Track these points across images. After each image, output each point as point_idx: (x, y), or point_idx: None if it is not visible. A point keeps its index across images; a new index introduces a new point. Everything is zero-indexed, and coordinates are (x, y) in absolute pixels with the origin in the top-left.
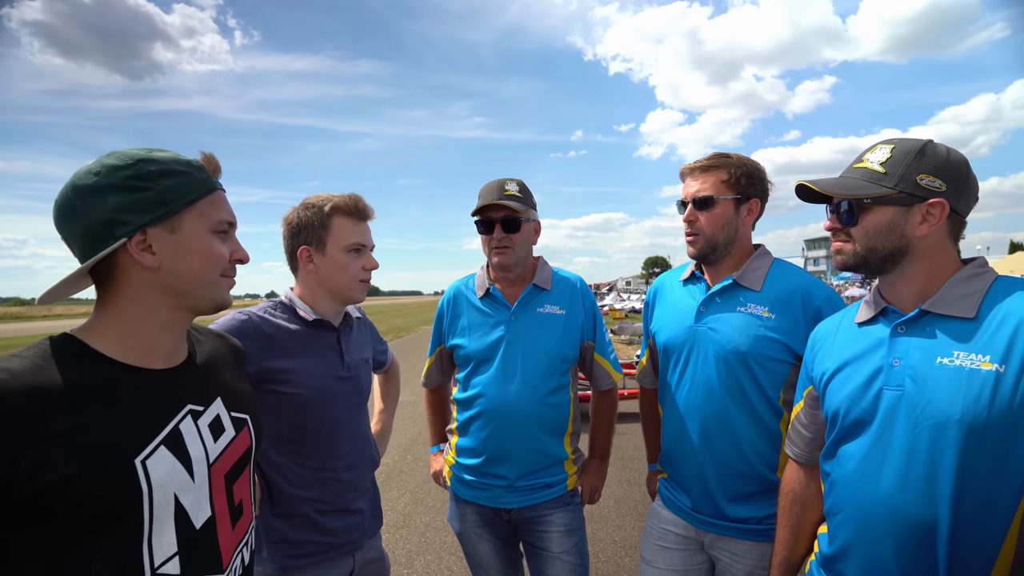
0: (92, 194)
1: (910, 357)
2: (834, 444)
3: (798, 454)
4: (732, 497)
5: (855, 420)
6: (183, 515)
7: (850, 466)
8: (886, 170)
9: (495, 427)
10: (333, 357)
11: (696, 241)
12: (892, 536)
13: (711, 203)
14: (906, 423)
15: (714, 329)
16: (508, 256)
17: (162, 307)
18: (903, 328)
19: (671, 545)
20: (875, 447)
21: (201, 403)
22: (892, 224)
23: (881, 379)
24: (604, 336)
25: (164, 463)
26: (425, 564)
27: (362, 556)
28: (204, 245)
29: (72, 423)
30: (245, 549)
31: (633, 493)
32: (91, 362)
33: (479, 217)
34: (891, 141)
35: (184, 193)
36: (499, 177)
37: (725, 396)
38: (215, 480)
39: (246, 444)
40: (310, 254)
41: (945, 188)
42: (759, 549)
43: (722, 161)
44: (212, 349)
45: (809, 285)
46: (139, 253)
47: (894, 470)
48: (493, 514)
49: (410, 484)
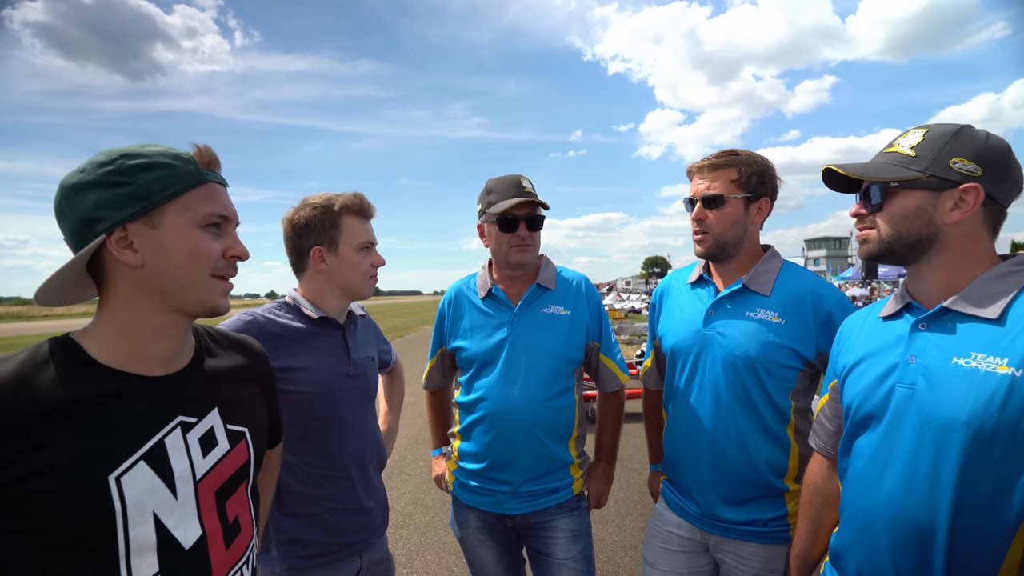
0: (75, 192)
1: (926, 355)
2: (847, 439)
3: (821, 447)
4: (737, 501)
5: (865, 416)
6: (166, 535)
7: (858, 463)
8: (917, 153)
9: (498, 432)
10: (340, 355)
11: (704, 240)
12: (890, 537)
13: (720, 202)
14: (914, 423)
15: (723, 334)
16: (528, 254)
17: (151, 309)
18: (924, 325)
19: (675, 548)
20: (882, 445)
21: (194, 414)
22: (920, 209)
23: (895, 376)
24: (611, 337)
25: (142, 480)
26: (425, 564)
27: (370, 556)
28: (188, 241)
29: (49, 436)
30: (245, 568)
31: (633, 493)
32: (82, 369)
33: (502, 215)
34: (926, 126)
35: (165, 186)
36: (488, 178)
37: (732, 401)
38: (203, 498)
39: (243, 458)
40: (322, 254)
41: (981, 173)
42: (765, 551)
43: (732, 159)
44: (224, 356)
45: (819, 289)
46: (120, 251)
47: (898, 470)
48: (496, 520)
49: (410, 484)
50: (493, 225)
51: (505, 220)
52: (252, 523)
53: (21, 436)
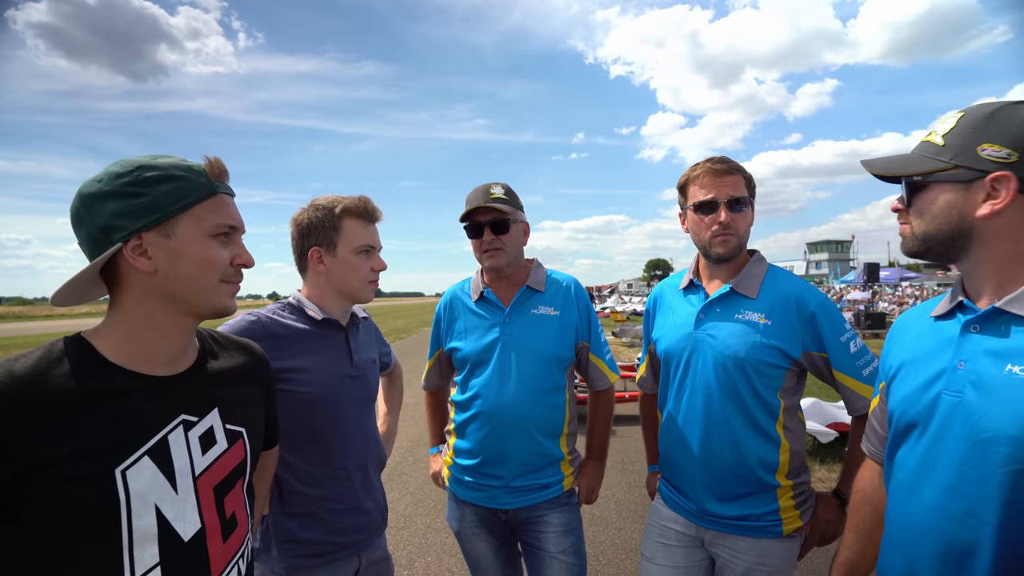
0: (93, 201)
1: (977, 361)
2: (891, 448)
3: (872, 452)
4: (730, 497)
5: (908, 424)
6: (167, 527)
7: (900, 474)
8: (946, 142)
9: (491, 428)
10: (342, 356)
11: (730, 240)
12: (930, 555)
13: (745, 203)
14: (960, 434)
15: (713, 336)
16: (499, 258)
17: (161, 312)
18: (976, 327)
19: (672, 542)
20: (925, 457)
21: (196, 413)
22: (948, 204)
23: (942, 382)
24: (600, 337)
25: (145, 474)
26: (426, 565)
27: (368, 556)
28: (200, 250)
29: (62, 430)
30: (241, 561)
31: (633, 496)
32: (93, 367)
33: (468, 223)
34: (965, 109)
35: (179, 198)
36: (488, 181)
37: (723, 400)
38: (202, 493)
39: (239, 457)
40: (320, 255)
41: (1016, 159)
42: (758, 545)
43: (737, 166)
44: (226, 358)
45: (803, 291)
46: (135, 258)
47: (938, 485)
48: (490, 514)
49: (411, 485)
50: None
51: (472, 227)
52: (248, 519)
53: (37, 427)
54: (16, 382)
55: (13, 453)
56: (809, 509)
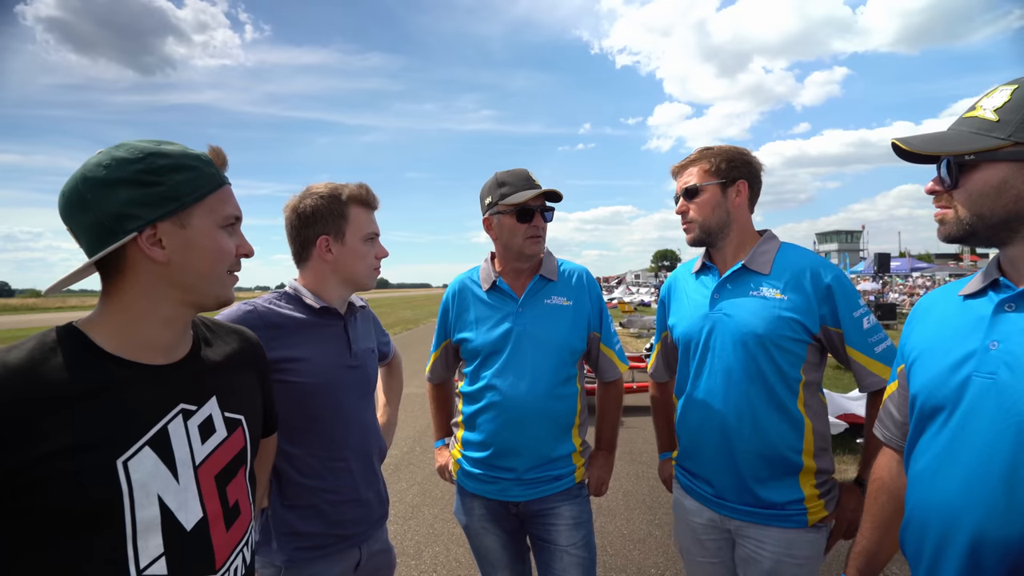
0: (102, 187)
1: (1011, 341)
2: (913, 434)
3: (888, 437)
4: (754, 480)
5: (933, 408)
6: (170, 516)
7: (924, 459)
8: (1000, 117)
9: (504, 420)
10: (341, 346)
11: (691, 228)
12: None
13: (697, 191)
14: (992, 418)
15: (729, 315)
16: (542, 245)
17: (166, 301)
18: (1011, 305)
19: (702, 536)
20: (952, 441)
21: (194, 402)
22: (1003, 184)
23: (972, 364)
24: (610, 327)
25: (147, 464)
26: (433, 556)
27: (369, 548)
28: (213, 240)
29: (61, 421)
30: (245, 549)
31: (642, 487)
32: (89, 357)
33: (518, 206)
34: (1016, 81)
35: (194, 188)
36: (496, 171)
37: (744, 380)
38: (204, 482)
39: (239, 445)
40: (328, 243)
41: None
42: (785, 536)
43: (704, 154)
44: (220, 345)
45: (817, 264)
46: (149, 248)
47: (964, 472)
48: (500, 508)
49: (418, 476)
50: (508, 216)
51: (523, 211)
52: (251, 507)
53: (34, 420)
54: (12, 373)
55: (13, 446)
56: (833, 500)
